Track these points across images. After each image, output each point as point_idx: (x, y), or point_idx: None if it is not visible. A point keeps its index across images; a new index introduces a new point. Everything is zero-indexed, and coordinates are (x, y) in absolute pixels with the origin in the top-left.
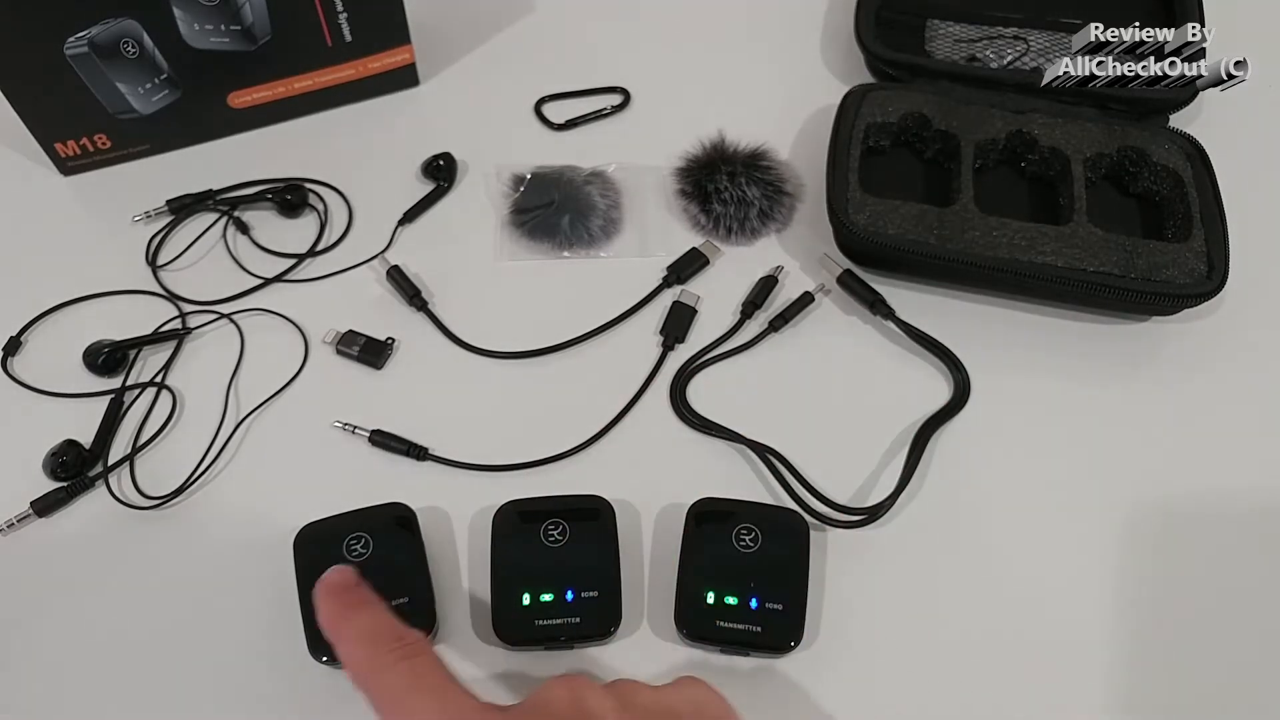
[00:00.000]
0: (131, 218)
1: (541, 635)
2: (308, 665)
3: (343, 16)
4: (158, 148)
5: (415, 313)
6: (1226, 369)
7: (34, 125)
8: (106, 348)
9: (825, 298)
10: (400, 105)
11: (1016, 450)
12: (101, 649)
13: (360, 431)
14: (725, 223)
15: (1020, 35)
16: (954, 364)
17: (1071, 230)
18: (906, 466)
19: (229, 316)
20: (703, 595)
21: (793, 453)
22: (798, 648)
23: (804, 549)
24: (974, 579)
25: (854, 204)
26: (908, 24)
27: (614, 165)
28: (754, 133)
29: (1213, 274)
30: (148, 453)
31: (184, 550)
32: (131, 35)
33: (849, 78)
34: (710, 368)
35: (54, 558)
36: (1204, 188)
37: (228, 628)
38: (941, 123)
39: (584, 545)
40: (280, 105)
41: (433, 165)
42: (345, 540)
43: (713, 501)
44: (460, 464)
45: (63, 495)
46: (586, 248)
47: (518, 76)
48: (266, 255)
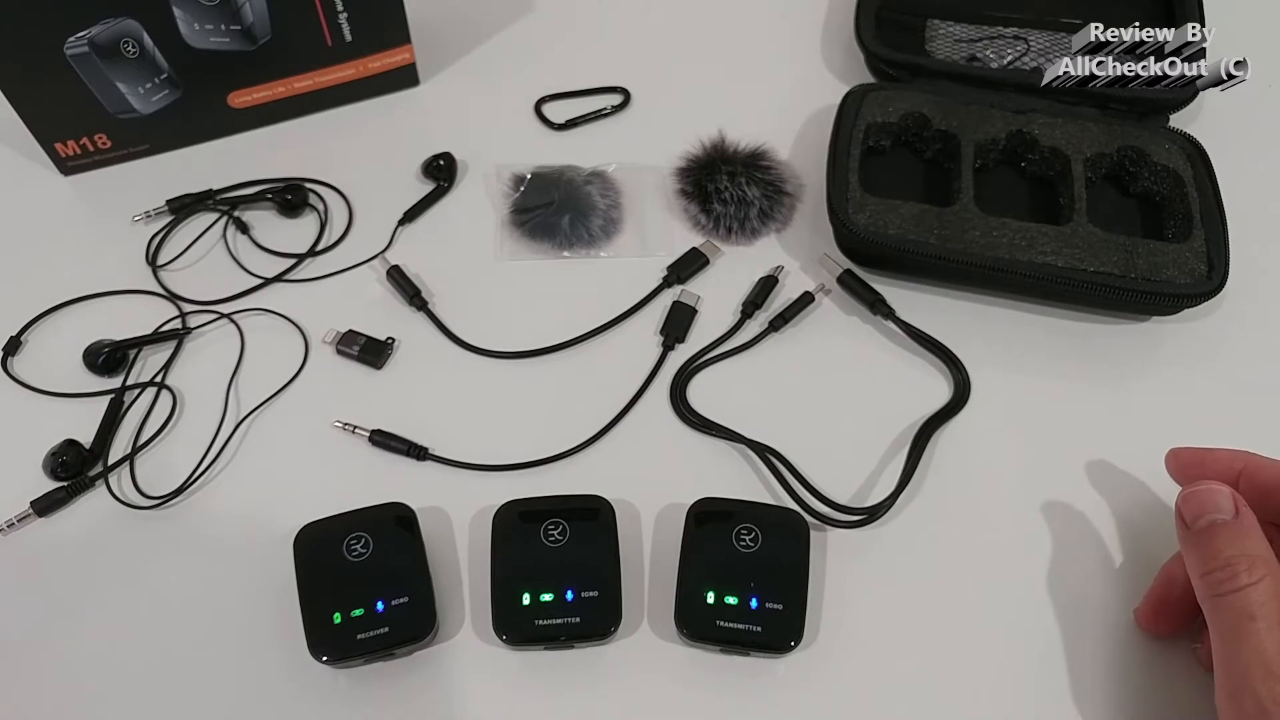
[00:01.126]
0: (131, 217)
1: (541, 635)
2: (308, 665)
3: (343, 16)
4: (158, 147)
5: (415, 312)
6: (1226, 369)
7: (34, 125)
8: (106, 348)
9: (825, 298)
10: (400, 105)
11: (1016, 450)
12: (101, 649)
13: (360, 431)
14: (725, 222)
15: (1020, 35)
16: (954, 364)
17: (1071, 230)
18: (906, 466)
19: (229, 316)
20: (703, 595)
21: (793, 453)
22: (798, 648)
23: (804, 549)
24: (974, 579)
25: (854, 204)
26: (908, 24)
27: (614, 165)
28: (754, 133)
29: (1213, 274)
30: (148, 453)
31: (184, 550)
32: (131, 35)
33: (849, 78)
34: (710, 368)
35: (54, 558)
36: (1204, 188)
37: (228, 628)
38: (941, 123)
39: (584, 545)
40: (280, 105)
41: (433, 165)
42: (345, 540)
43: (713, 501)
44: (460, 464)
45: (63, 495)
46: (586, 247)
47: (518, 76)
48: (266, 255)
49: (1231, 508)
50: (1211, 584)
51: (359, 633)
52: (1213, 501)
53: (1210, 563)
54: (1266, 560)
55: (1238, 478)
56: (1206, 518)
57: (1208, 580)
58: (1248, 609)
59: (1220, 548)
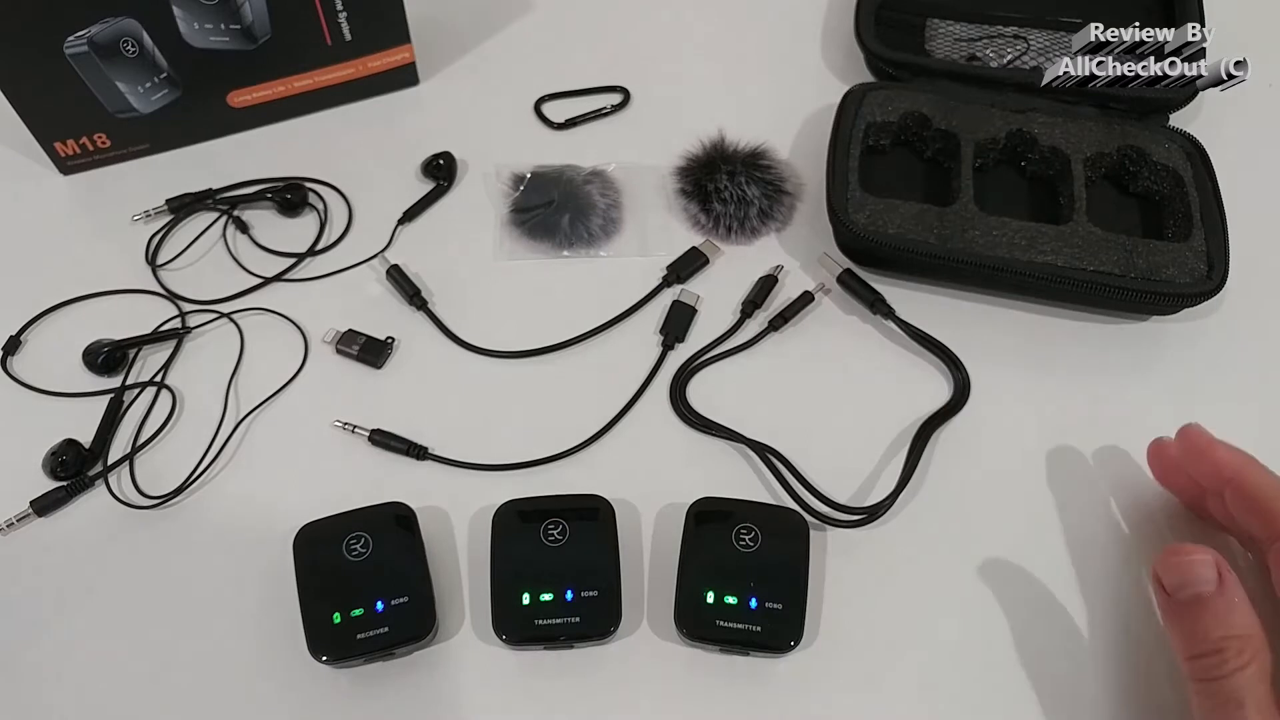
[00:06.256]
0: (131, 217)
1: (541, 635)
2: (308, 665)
3: (342, 16)
4: (157, 147)
5: (415, 312)
6: (1226, 369)
7: (33, 124)
8: (106, 347)
9: (825, 297)
10: (400, 105)
11: (1016, 449)
12: (101, 649)
13: (360, 431)
14: (725, 222)
15: (1020, 35)
16: (954, 363)
17: (1071, 230)
18: (906, 466)
19: (229, 316)
20: (702, 595)
21: (793, 452)
22: (797, 647)
23: (804, 549)
24: (974, 578)
25: (854, 203)
26: (908, 23)
27: (614, 165)
28: (754, 132)
29: (1213, 273)
30: (147, 452)
31: (184, 550)
32: (131, 34)
33: (849, 77)
34: (710, 367)
35: (54, 557)
36: (1204, 187)
37: (228, 627)
38: (941, 122)
39: (584, 545)
40: (280, 104)
41: (432, 164)
42: (345, 540)
43: (712, 501)
44: (460, 463)
45: (62, 495)
46: (586, 247)
47: (518, 76)
48: (266, 254)
49: (1214, 576)
50: (1198, 670)
51: (359, 632)
52: (1195, 573)
53: (1197, 646)
54: (1253, 638)
55: (1223, 488)
56: (1188, 590)
57: (1194, 665)
58: (1236, 695)
59: (1207, 629)
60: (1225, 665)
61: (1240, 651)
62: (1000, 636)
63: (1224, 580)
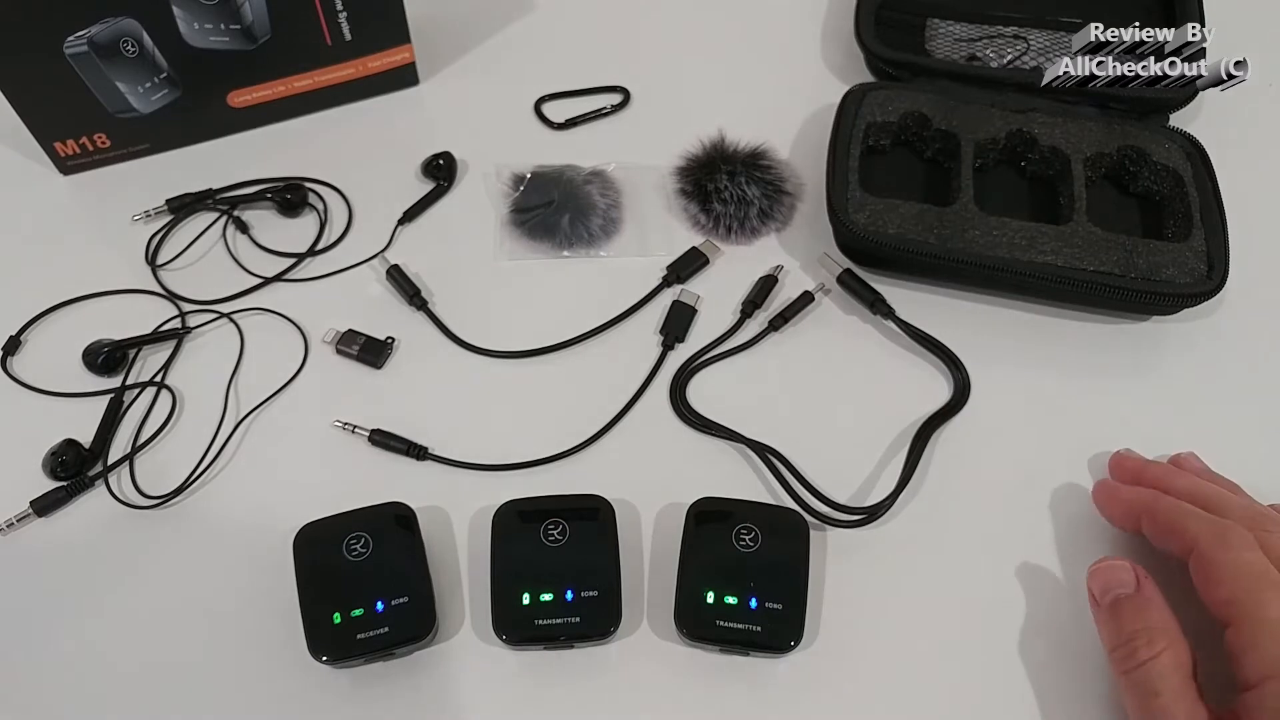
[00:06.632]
0: (131, 217)
1: (541, 635)
2: (308, 665)
3: (342, 16)
4: (157, 147)
5: (415, 312)
6: (1226, 369)
7: (33, 124)
8: (106, 347)
9: (825, 297)
10: (400, 105)
11: (1016, 449)
12: (101, 649)
13: (360, 431)
14: (725, 222)
15: (1020, 35)
16: (954, 363)
17: (1071, 230)
18: (906, 466)
19: (229, 316)
20: (702, 595)
21: (793, 452)
22: (797, 648)
23: (804, 549)
24: (974, 578)
25: (854, 203)
26: (908, 23)
27: (614, 165)
28: (754, 132)
29: (1213, 273)
30: (147, 452)
31: (184, 550)
32: (131, 34)
33: (849, 77)
34: (710, 367)
35: (54, 557)
36: (1204, 187)
37: (227, 627)
38: (941, 122)
39: (584, 545)
40: (280, 105)
41: (432, 164)
42: (345, 540)
43: (713, 501)
44: (460, 463)
45: (62, 495)
46: (586, 247)
47: (518, 76)
48: (266, 254)
49: (1133, 580)
50: (1117, 661)
51: (359, 632)
52: (1115, 578)
53: (1115, 639)
54: (1166, 631)
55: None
56: (1111, 593)
57: (1114, 657)
58: (1150, 684)
59: (1124, 623)
60: (1137, 654)
61: (1151, 642)
62: (1000, 636)
63: (1141, 584)
